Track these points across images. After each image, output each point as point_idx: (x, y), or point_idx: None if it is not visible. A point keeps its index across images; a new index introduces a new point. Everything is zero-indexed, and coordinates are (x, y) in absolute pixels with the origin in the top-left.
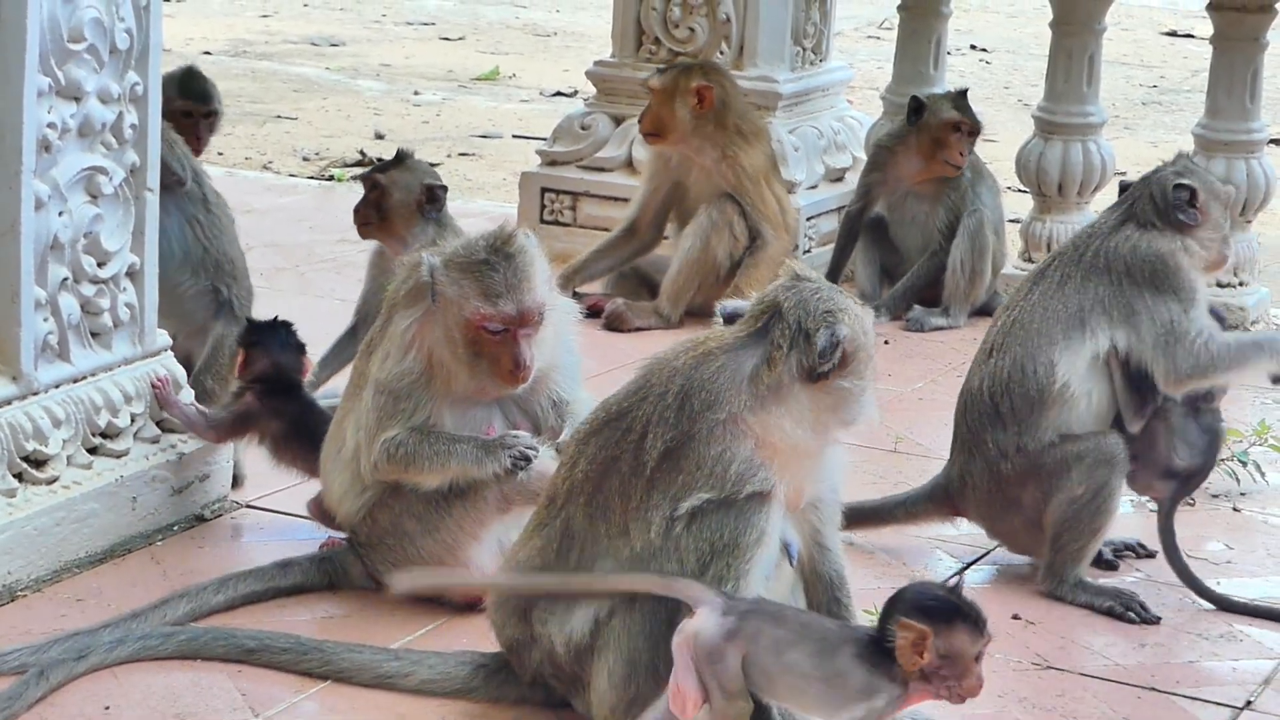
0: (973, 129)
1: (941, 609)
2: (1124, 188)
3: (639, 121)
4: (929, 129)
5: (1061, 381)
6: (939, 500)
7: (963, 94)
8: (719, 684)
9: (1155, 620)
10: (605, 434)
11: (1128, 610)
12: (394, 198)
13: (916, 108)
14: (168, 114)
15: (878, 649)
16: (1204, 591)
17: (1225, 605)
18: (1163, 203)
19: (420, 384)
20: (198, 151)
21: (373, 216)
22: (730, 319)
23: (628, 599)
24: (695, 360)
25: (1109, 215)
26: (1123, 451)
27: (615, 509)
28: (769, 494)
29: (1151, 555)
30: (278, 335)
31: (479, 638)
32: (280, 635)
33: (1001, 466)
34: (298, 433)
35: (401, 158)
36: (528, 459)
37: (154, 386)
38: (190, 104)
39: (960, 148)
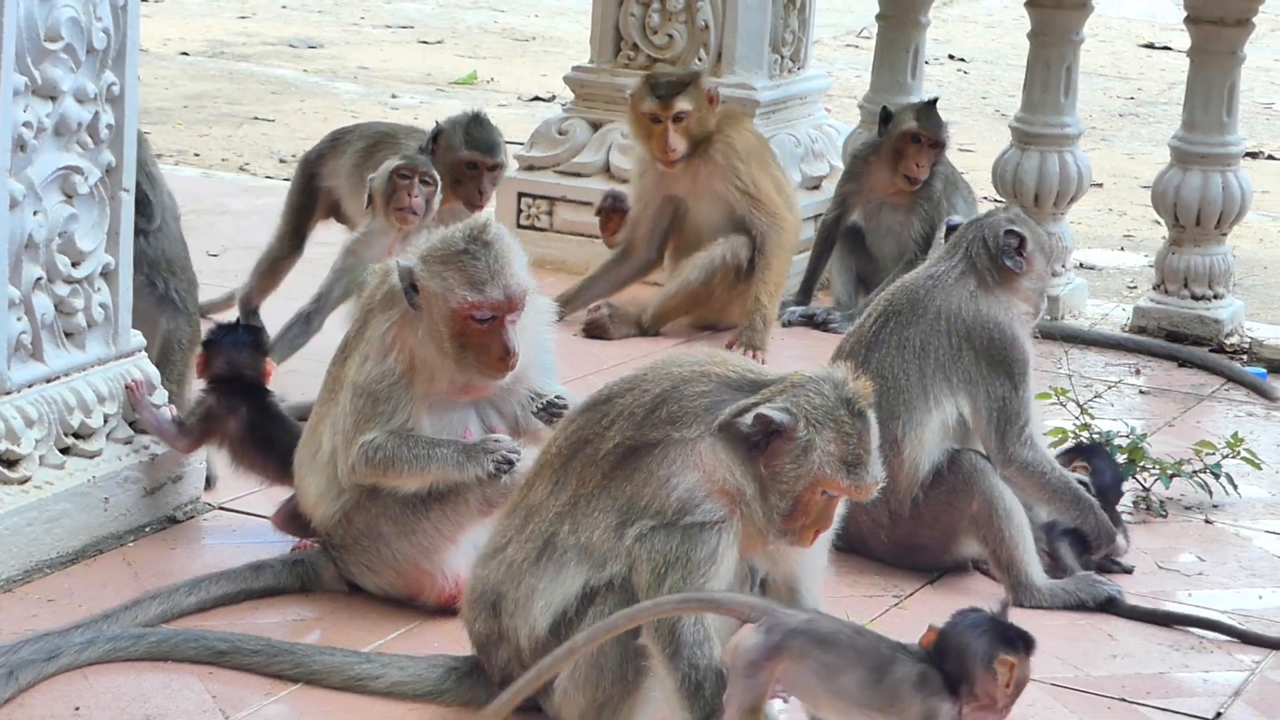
0: (933, 141)
1: (1020, 639)
2: (952, 228)
3: (662, 152)
4: (891, 140)
5: (910, 460)
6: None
7: (930, 104)
8: (740, 697)
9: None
10: (587, 415)
11: (1103, 594)
12: None
13: (885, 118)
14: (451, 165)
15: (934, 672)
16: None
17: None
18: (994, 247)
19: (400, 386)
20: (479, 205)
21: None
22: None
23: (588, 599)
24: (691, 374)
25: (948, 264)
26: (979, 453)
27: (570, 487)
28: (718, 523)
29: (1128, 570)
30: (234, 335)
31: (451, 641)
32: (251, 637)
33: (882, 536)
34: (254, 436)
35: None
36: (510, 463)
37: (127, 389)
38: (477, 155)
39: (918, 159)
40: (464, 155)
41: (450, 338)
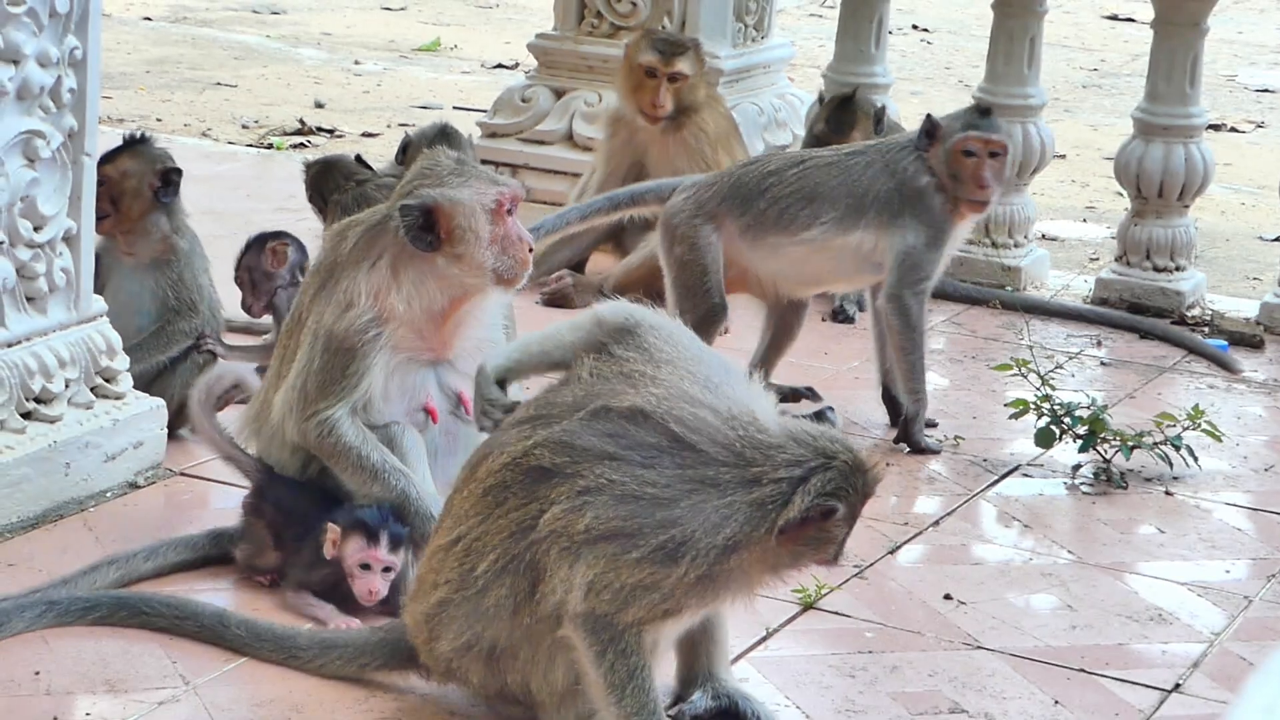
0: (842, 143)
1: None
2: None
3: (651, 106)
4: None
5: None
6: None
7: (842, 101)
8: None
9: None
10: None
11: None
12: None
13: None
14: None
15: None
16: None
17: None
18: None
19: (373, 341)
20: None
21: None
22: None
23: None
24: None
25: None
26: None
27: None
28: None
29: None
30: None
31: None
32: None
33: None
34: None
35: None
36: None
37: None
38: None
39: None
40: None
41: (488, 244)
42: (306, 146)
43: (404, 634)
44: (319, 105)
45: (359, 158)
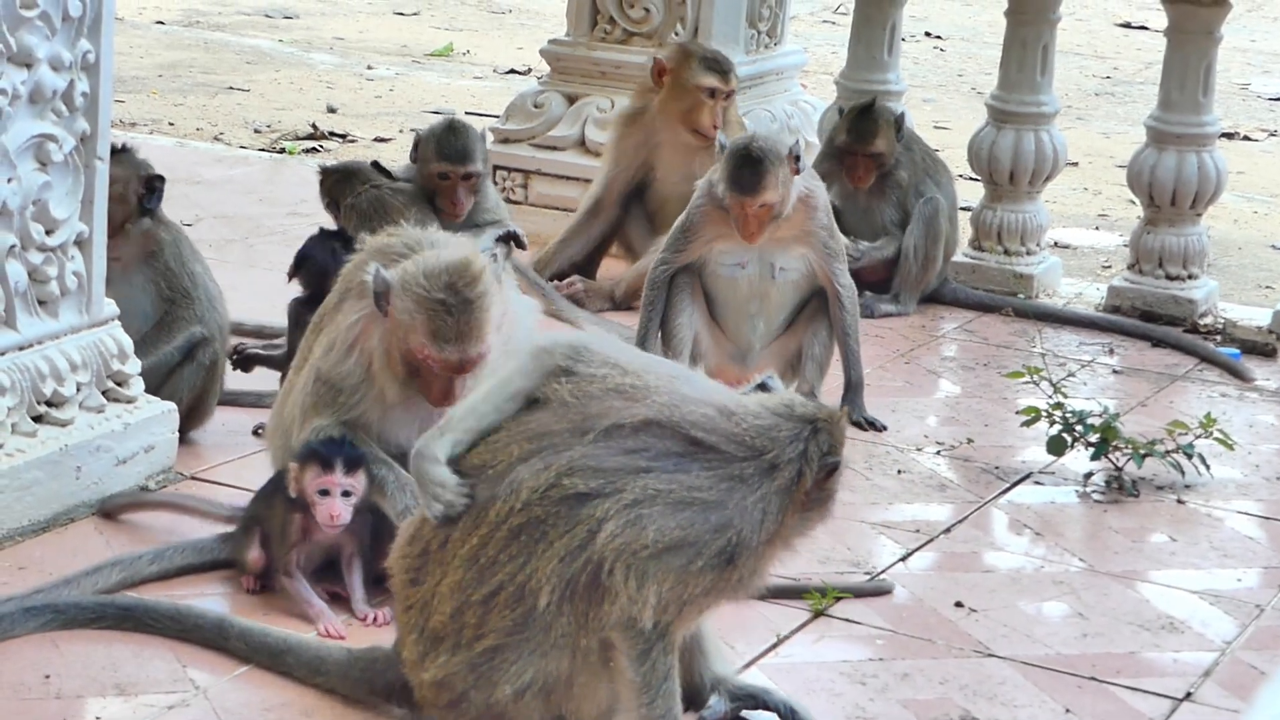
0: (866, 152)
1: None
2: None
3: (713, 127)
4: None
5: None
6: None
7: (865, 109)
8: None
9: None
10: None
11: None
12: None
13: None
14: (426, 176)
15: None
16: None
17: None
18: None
19: (361, 385)
20: (456, 216)
21: None
22: None
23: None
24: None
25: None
26: None
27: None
28: None
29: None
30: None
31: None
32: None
33: None
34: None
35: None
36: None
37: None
38: (447, 165)
39: (854, 172)
40: (435, 167)
41: (401, 362)
42: (318, 151)
43: (384, 674)
44: (331, 110)
45: (376, 164)
